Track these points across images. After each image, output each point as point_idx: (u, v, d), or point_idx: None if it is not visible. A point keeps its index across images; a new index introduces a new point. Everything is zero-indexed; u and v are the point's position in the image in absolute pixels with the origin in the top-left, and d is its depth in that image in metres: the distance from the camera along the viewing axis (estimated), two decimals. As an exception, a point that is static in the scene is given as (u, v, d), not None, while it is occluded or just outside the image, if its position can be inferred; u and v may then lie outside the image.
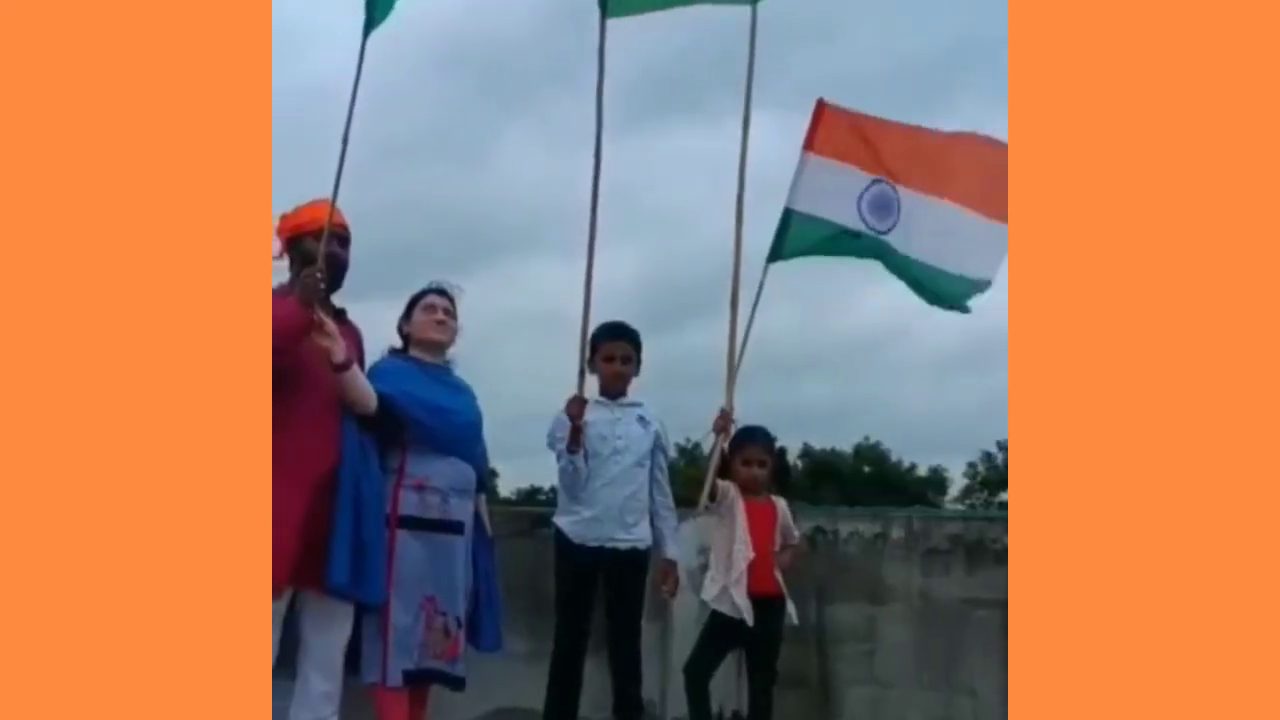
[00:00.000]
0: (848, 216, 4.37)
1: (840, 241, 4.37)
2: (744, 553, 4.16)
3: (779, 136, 4.64)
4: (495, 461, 4.10)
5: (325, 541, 3.45)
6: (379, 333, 4.00)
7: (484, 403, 4.05)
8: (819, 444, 40.95)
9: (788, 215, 4.33)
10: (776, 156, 4.61)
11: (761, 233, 4.37)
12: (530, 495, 29.30)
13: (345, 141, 3.49)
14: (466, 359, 4.08)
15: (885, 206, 4.40)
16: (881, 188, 4.38)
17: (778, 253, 4.32)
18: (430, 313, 3.93)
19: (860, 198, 4.36)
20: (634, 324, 4.43)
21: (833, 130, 4.39)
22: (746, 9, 4.23)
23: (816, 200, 4.35)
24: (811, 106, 4.44)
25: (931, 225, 4.41)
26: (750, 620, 4.12)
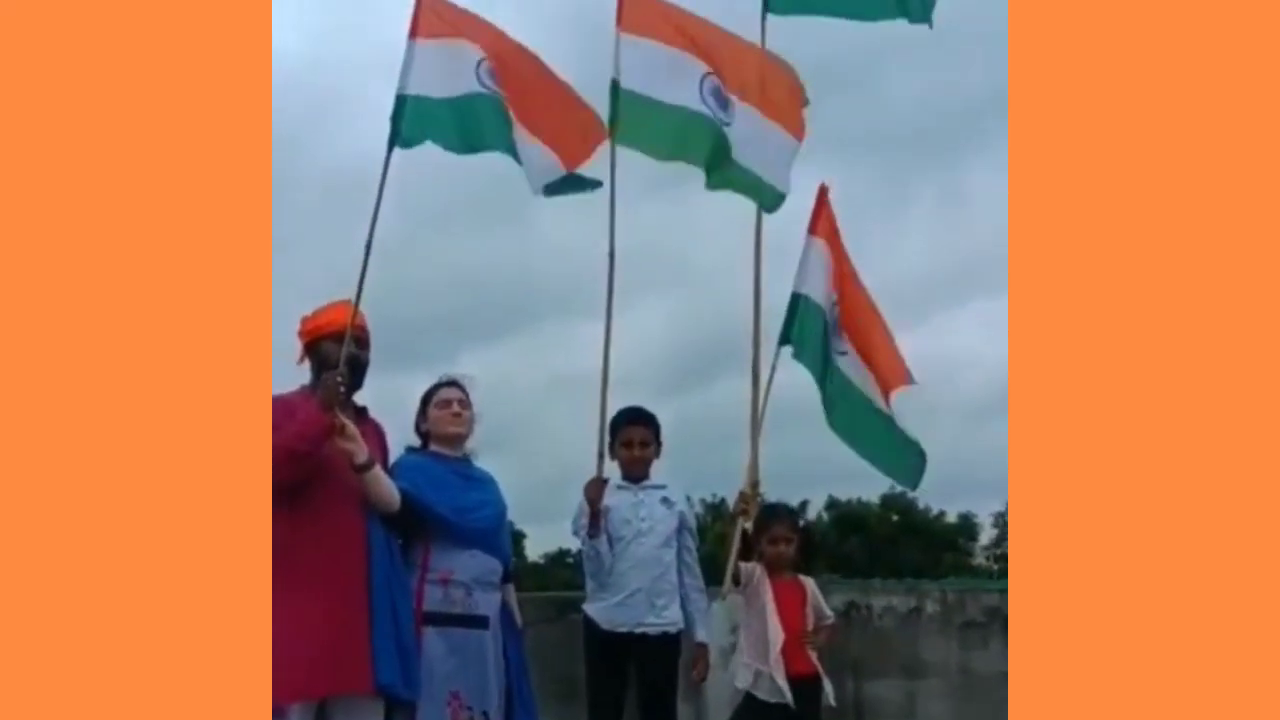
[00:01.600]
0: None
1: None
2: (778, 636, 4.09)
3: (812, 189, 4.62)
4: (526, 525, 4.11)
5: (358, 642, 3.42)
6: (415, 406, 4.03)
7: (520, 467, 4.06)
8: (845, 494, 40.60)
9: (796, 300, 4.33)
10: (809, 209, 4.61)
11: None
12: (559, 558, 29.16)
13: (368, 248, 3.51)
14: (503, 426, 4.09)
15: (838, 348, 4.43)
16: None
17: (788, 337, 4.31)
18: (445, 407, 3.93)
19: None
20: (669, 378, 4.44)
21: (829, 218, 4.41)
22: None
23: (820, 285, 4.36)
24: (847, 158, 4.48)
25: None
26: (791, 700, 4.04)
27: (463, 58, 3.81)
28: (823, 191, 4.44)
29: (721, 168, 4.21)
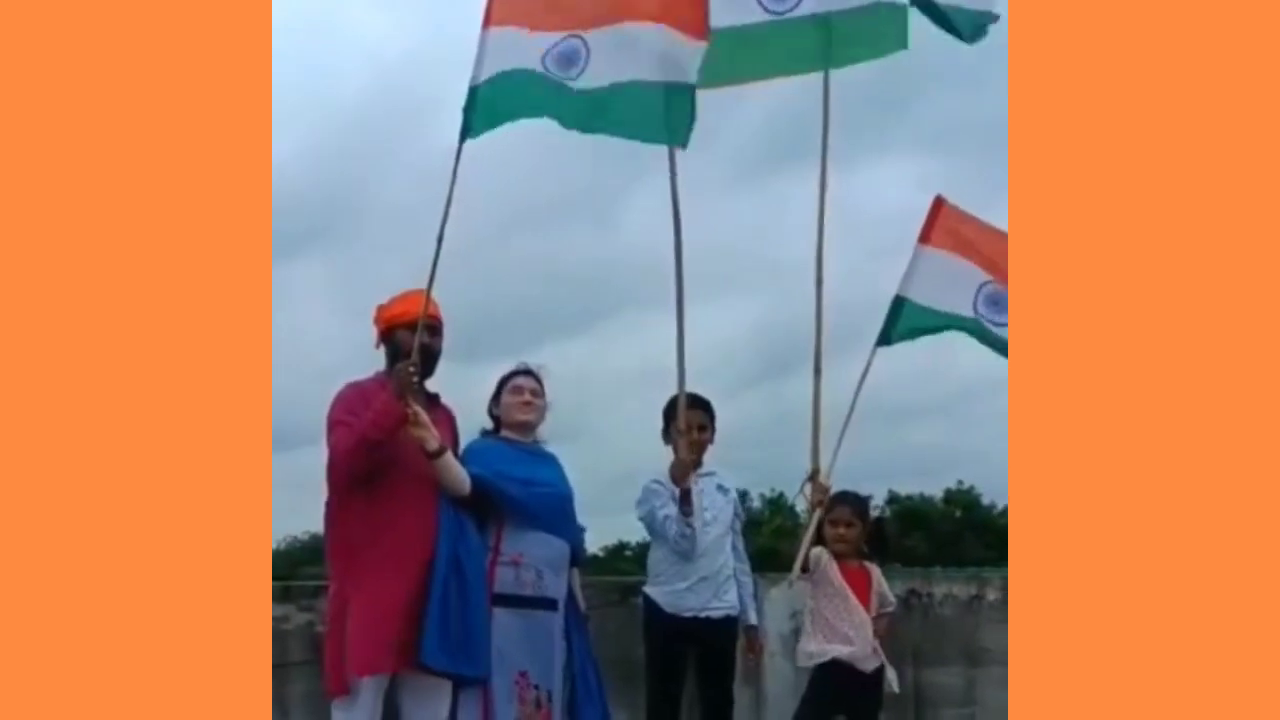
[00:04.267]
0: (964, 308, 4.35)
1: (951, 324, 4.35)
2: (863, 616, 4.18)
3: (909, 182, 4.63)
4: (586, 518, 4.19)
5: (418, 622, 3.56)
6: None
7: (586, 461, 4.11)
8: (906, 490, 40.19)
9: (900, 303, 4.34)
10: (906, 203, 4.60)
11: (886, 279, 4.43)
12: (618, 551, 29.29)
13: (440, 240, 3.60)
14: (574, 420, 4.16)
15: (999, 303, 4.32)
16: (995, 287, 4.33)
17: (887, 338, 4.33)
18: (518, 394, 4.04)
19: (978, 292, 4.34)
20: (746, 373, 4.41)
21: (948, 226, 4.38)
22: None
23: (933, 292, 4.35)
24: (944, 150, 4.36)
25: None
26: (870, 667, 4.12)
27: (531, 45, 3.76)
28: (937, 202, 4.41)
29: (834, 45, 4.08)
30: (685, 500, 4.11)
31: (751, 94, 4.26)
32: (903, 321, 4.31)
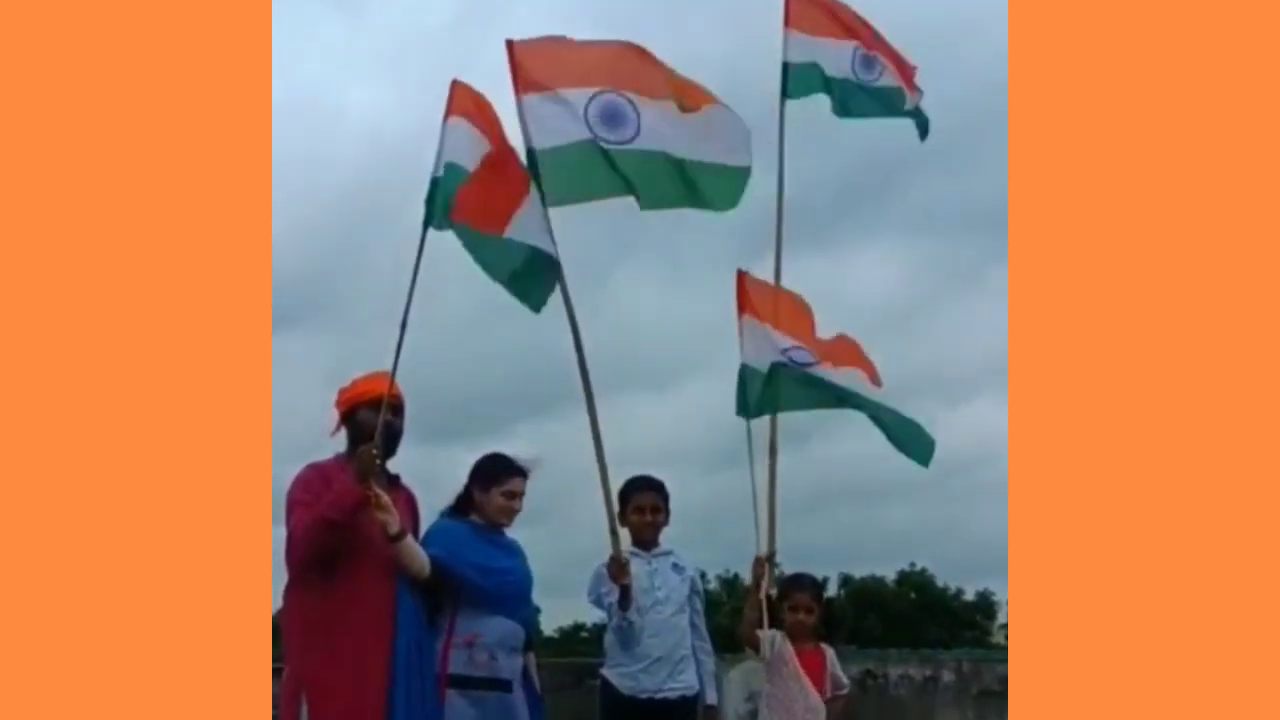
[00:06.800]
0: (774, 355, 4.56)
1: (787, 383, 4.55)
2: (819, 706, 4.18)
3: (896, 263, 4.81)
4: (544, 599, 4.18)
5: (377, 708, 3.53)
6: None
7: (552, 541, 4.11)
8: (860, 572, 40.20)
9: (742, 370, 4.54)
10: (893, 286, 4.78)
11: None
12: (573, 632, 28.93)
13: (404, 326, 3.66)
14: (545, 501, 4.16)
15: (807, 363, 4.55)
16: (798, 352, 4.57)
17: (745, 408, 4.51)
18: (510, 499, 4.01)
19: (787, 352, 4.55)
20: (714, 456, 4.51)
21: (754, 294, 4.61)
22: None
23: (758, 355, 4.54)
24: (932, 230, 4.55)
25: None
26: None
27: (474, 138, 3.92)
28: (740, 276, 4.63)
29: (649, 186, 4.28)
30: (624, 596, 4.15)
31: (761, 173, 4.48)
32: (749, 389, 4.50)
